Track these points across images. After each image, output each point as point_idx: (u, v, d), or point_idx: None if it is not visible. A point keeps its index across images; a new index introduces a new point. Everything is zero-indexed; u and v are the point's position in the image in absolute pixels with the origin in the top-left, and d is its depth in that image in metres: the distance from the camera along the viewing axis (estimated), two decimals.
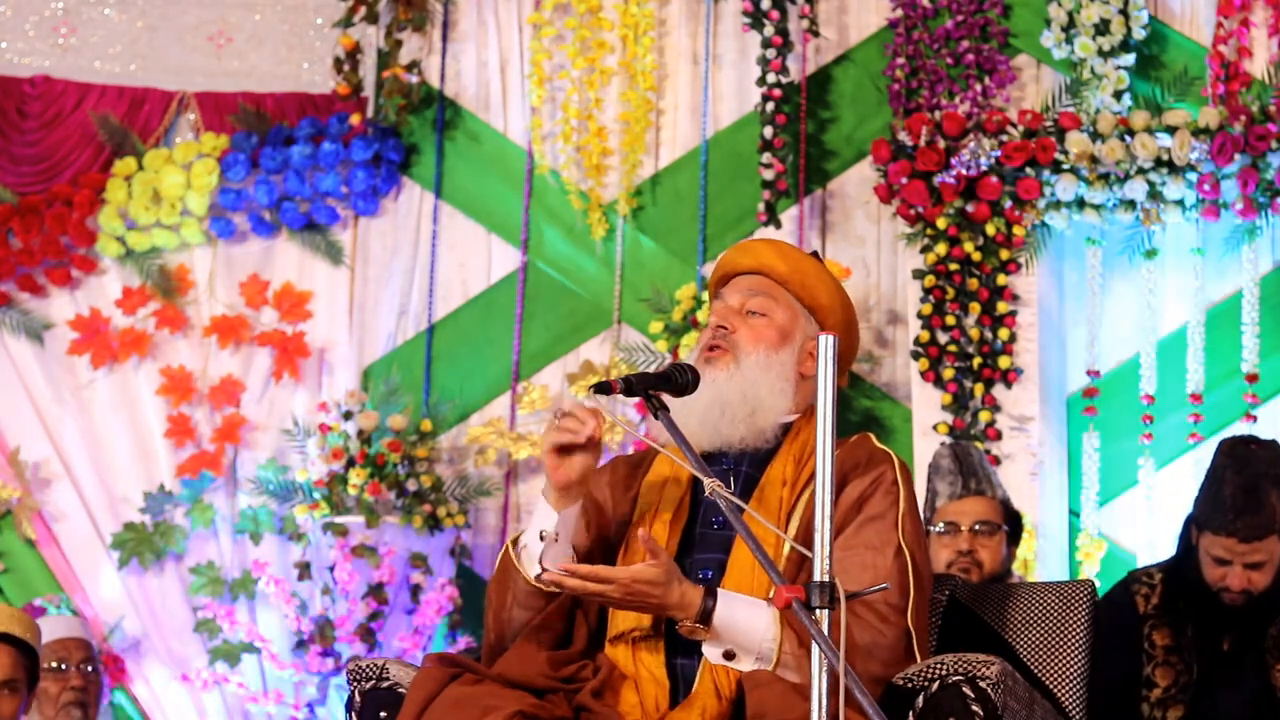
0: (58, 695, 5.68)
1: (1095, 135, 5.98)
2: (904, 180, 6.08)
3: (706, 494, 3.06)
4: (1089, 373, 6.11)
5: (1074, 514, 6.07)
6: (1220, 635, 4.74)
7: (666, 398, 3.31)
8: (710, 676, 3.23)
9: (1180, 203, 5.99)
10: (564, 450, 3.31)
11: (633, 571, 3.16)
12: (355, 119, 6.71)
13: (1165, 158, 5.93)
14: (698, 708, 3.20)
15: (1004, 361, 6.03)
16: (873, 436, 3.47)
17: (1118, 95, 6.07)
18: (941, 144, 6.04)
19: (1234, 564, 4.67)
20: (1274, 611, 4.71)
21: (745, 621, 3.21)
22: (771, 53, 6.38)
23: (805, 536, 3.22)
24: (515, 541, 3.40)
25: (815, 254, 3.70)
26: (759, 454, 3.41)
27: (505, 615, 3.39)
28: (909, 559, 3.28)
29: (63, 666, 5.76)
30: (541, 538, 3.34)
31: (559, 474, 3.32)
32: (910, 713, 3.16)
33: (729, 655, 3.20)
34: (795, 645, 3.18)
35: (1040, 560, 5.85)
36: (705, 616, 3.19)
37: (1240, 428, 5.82)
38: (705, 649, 3.22)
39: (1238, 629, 4.72)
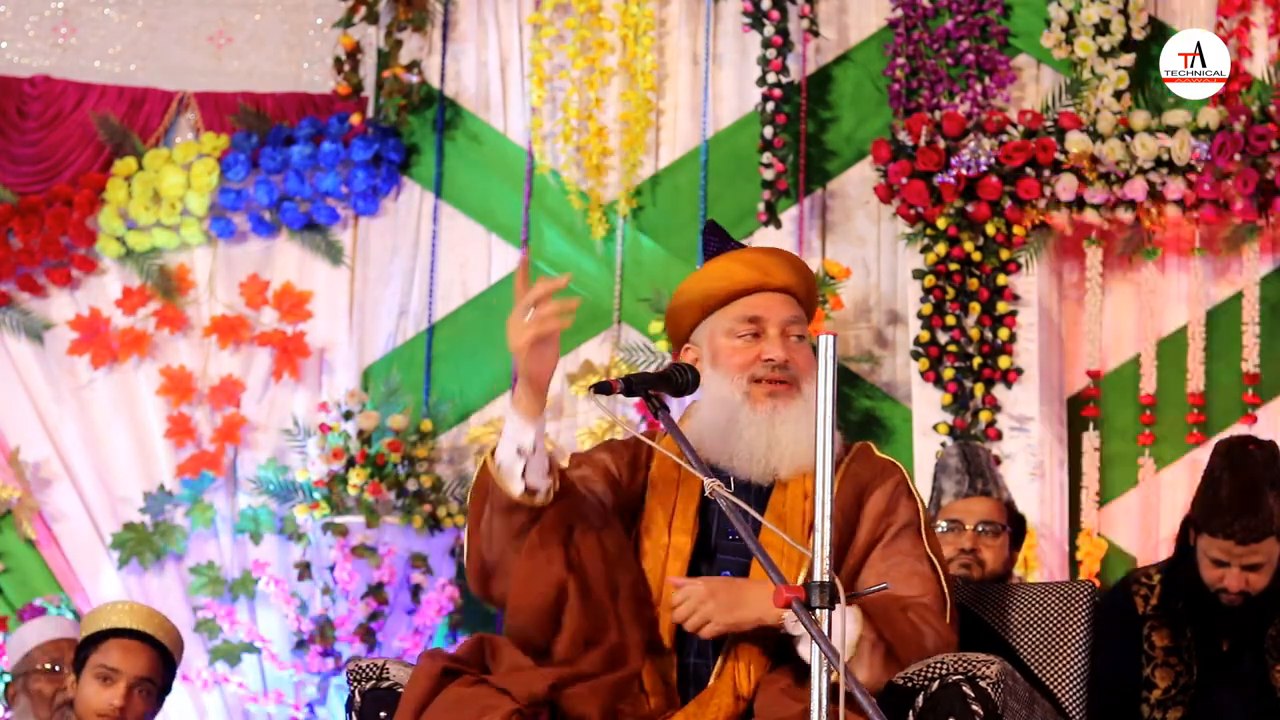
0: (52, 696, 5.65)
1: (1095, 135, 5.97)
2: (904, 180, 6.07)
3: (706, 494, 3.03)
4: (1089, 373, 6.11)
5: (1074, 514, 6.07)
6: (1219, 636, 4.73)
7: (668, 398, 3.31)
8: (731, 675, 3.21)
9: (1180, 203, 5.99)
10: (543, 341, 3.09)
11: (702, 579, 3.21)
12: (355, 119, 6.71)
13: (1165, 158, 5.93)
14: (713, 706, 3.19)
15: (1004, 361, 6.03)
16: (873, 446, 3.48)
17: (1118, 95, 6.07)
18: (941, 144, 6.04)
19: (1232, 565, 4.65)
20: (1273, 612, 4.70)
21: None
22: (771, 53, 6.37)
23: (835, 552, 3.05)
24: (493, 454, 3.22)
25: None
26: None
27: (485, 529, 3.23)
28: (938, 565, 3.33)
29: (57, 669, 5.74)
30: (520, 453, 3.16)
31: (545, 368, 3.13)
32: (910, 712, 3.15)
33: None
34: (875, 637, 3.18)
35: (1040, 560, 5.85)
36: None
37: (1240, 428, 5.82)
38: (801, 648, 3.15)
39: (1237, 630, 4.71)
